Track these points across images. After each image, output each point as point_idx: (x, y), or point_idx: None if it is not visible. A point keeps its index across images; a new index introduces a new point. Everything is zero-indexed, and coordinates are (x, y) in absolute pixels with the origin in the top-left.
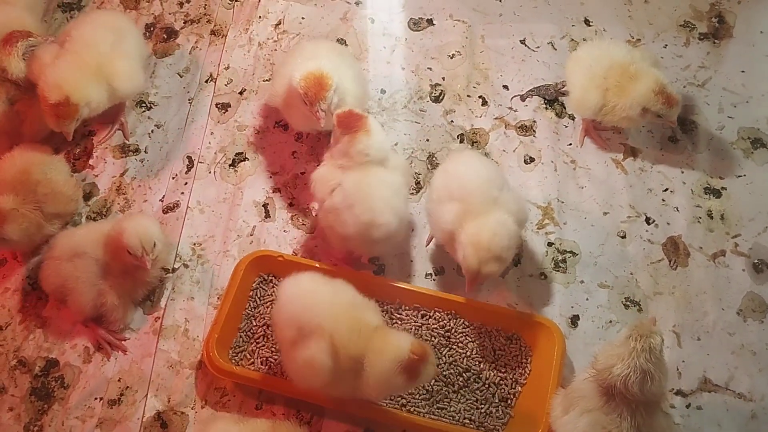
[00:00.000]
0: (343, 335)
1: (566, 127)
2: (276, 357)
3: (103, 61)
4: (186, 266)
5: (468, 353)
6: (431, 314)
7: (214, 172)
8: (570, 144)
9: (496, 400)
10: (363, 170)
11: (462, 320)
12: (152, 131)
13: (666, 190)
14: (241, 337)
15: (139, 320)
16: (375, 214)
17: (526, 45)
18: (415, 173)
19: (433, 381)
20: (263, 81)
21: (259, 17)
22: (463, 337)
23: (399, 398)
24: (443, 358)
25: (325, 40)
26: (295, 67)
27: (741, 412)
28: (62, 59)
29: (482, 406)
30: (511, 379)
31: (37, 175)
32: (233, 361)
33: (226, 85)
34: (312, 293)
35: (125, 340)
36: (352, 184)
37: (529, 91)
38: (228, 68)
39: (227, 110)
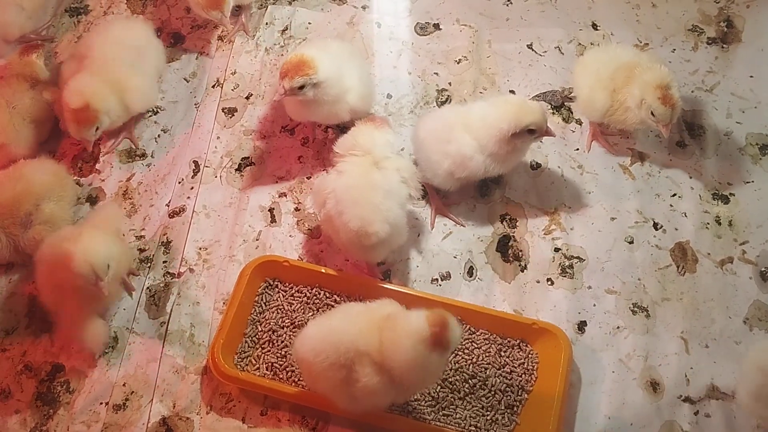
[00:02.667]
0: (374, 344)
1: (573, 132)
2: (281, 362)
3: (120, 77)
4: (192, 271)
5: (474, 360)
6: None
7: (221, 176)
8: (577, 149)
9: (502, 407)
10: (356, 174)
11: (468, 326)
12: (159, 136)
13: (674, 195)
14: (246, 342)
15: (145, 325)
16: (364, 222)
17: (533, 50)
18: (422, 179)
19: (439, 387)
20: (270, 86)
21: (266, 23)
22: (469, 344)
23: (404, 405)
24: (449, 364)
25: (338, 40)
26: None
27: (747, 420)
28: (84, 71)
29: (488, 413)
30: (517, 386)
31: (28, 206)
32: (238, 366)
33: (232, 90)
34: (327, 332)
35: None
36: (343, 191)
37: (536, 96)
38: (235, 73)
39: (234, 115)
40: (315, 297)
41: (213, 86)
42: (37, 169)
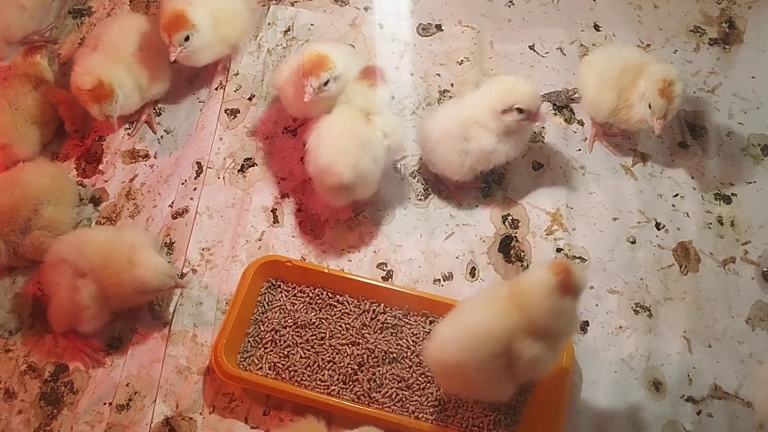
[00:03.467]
0: (516, 316)
1: (575, 132)
2: (284, 362)
3: (130, 58)
4: (194, 271)
5: None
6: (439, 320)
7: (223, 177)
8: (579, 150)
9: (505, 408)
10: (342, 117)
11: None
12: (162, 137)
13: (676, 195)
14: (249, 342)
15: (148, 325)
16: (331, 161)
17: (535, 51)
18: (423, 180)
19: (441, 388)
20: (272, 87)
21: (269, 24)
22: None
23: (407, 405)
24: None
25: (340, 42)
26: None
27: (750, 420)
28: (95, 55)
29: (490, 413)
30: (519, 385)
31: (26, 212)
32: (241, 366)
33: (235, 91)
34: (469, 329)
35: (102, 358)
36: (325, 128)
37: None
38: (237, 74)
39: (236, 116)
40: (317, 297)
41: (216, 88)
42: (34, 173)
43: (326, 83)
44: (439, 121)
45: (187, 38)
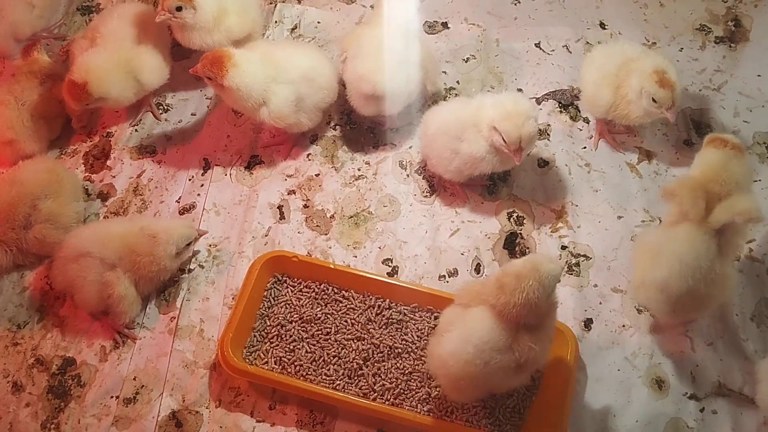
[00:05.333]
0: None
1: (580, 130)
2: (289, 357)
3: (130, 55)
4: (201, 267)
5: None
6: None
7: (230, 174)
8: (584, 147)
9: (509, 403)
10: (385, 35)
11: None
12: (169, 133)
13: None
14: (255, 336)
15: (155, 320)
16: (369, 71)
17: (541, 48)
18: (429, 176)
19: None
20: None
21: (276, 22)
22: None
23: (411, 399)
24: None
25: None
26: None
27: (754, 417)
28: (96, 50)
29: (495, 409)
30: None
31: (25, 208)
32: (247, 360)
33: None
34: (466, 338)
35: (132, 333)
36: (366, 39)
37: (544, 95)
38: None
39: (243, 113)
40: (323, 292)
41: None
42: (30, 169)
43: (179, 9)
44: (439, 115)
45: (179, 8)
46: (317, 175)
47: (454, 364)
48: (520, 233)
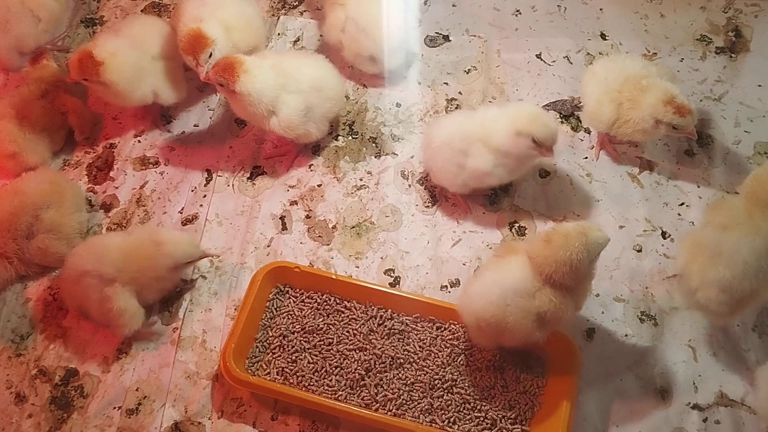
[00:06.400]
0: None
1: (582, 140)
2: (292, 367)
3: (154, 67)
4: (204, 278)
5: (483, 366)
6: (446, 326)
7: (233, 185)
8: (586, 158)
9: (512, 414)
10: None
11: None
12: (172, 144)
13: (682, 204)
14: (257, 347)
15: (158, 331)
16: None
17: (542, 59)
18: (431, 186)
19: (449, 395)
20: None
21: (278, 34)
22: (477, 351)
23: (414, 410)
24: (458, 369)
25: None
26: None
27: (756, 427)
28: (127, 42)
29: (497, 419)
30: (527, 392)
31: (27, 218)
32: (249, 371)
33: None
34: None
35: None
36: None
37: (545, 105)
38: None
39: (246, 124)
40: (325, 303)
41: None
42: (33, 180)
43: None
44: (443, 129)
45: (210, 55)
46: (319, 185)
47: (478, 302)
48: None
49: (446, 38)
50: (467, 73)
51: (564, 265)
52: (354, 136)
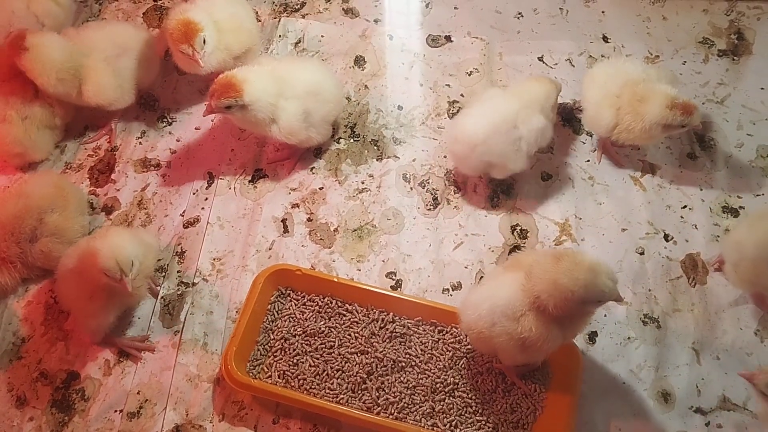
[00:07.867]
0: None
1: (584, 143)
2: (293, 370)
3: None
4: (205, 281)
5: (485, 370)
6: (448, 329)
7: (234, 188)
8: (588, 160)
9: (514, 418)
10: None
11: None
12: (173, 147)
13: (684, 207)
14: (258, 350)
15: (159, 334)
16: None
17: (544, 62)
18: (433, 189)
19: (450, 398)
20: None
21: (279, 36)
22: (479, 354)
23: (415, 413)
24: (460, 372)
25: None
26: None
27: (760, 430)
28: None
29: (499, 423)
30: (529, 396)
31: (31, 221)
32: (251, 374)
33: None
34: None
35: (149, 349)
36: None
37: None
38: None
39: None
40: (327, 306)
41: None
42: (37, 183)
43: (229, 107)
44: (482, 121)
45: (204, 41)
46: (321, 188)
47: (469, 314)
48: (524, 246)
49: (448, 39)
50: (469, 75)
51: (556, 289)
52: (355, 139)
